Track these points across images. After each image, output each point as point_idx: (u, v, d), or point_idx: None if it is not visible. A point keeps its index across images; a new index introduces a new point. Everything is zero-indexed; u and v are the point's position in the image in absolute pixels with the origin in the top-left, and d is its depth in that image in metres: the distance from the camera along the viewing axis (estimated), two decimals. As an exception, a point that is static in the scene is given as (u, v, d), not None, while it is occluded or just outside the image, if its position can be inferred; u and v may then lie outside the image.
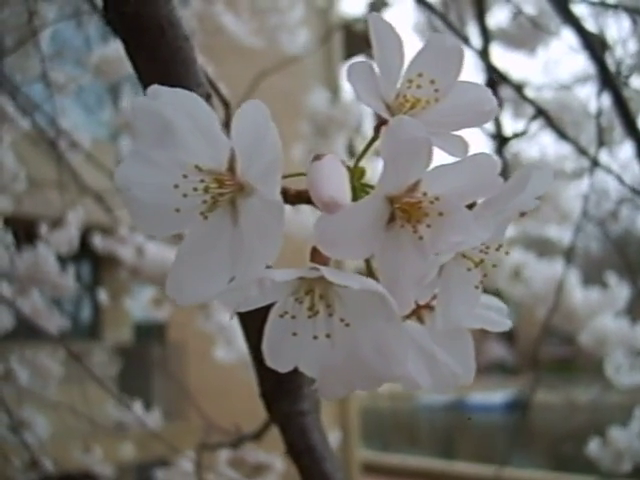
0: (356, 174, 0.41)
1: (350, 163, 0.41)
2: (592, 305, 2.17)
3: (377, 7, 2.95)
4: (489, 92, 0.44)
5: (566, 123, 1.76)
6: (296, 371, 0.42)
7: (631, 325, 2.17)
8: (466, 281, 0.42)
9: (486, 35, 1.89)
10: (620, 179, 1.42)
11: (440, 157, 0.39)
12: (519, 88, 1.60)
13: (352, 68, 0.41)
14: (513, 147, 2.12)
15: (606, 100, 1.39)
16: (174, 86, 0.39)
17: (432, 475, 7.30)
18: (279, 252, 0.37)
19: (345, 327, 0.39)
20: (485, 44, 1.88)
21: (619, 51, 1.60)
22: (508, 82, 1.54)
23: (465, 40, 1.49)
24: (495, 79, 1.62)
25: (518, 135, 1.75)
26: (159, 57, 0.50)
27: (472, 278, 0.42)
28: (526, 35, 2.05)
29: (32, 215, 2.05)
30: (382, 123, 0.43)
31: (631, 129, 1.29)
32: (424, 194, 0.37)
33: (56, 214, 2.10)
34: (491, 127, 1.80)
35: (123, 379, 4.11)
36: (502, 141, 1.77)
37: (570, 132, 1.66)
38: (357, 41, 5.19)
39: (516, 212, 0.41)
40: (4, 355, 1.93)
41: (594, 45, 1.30)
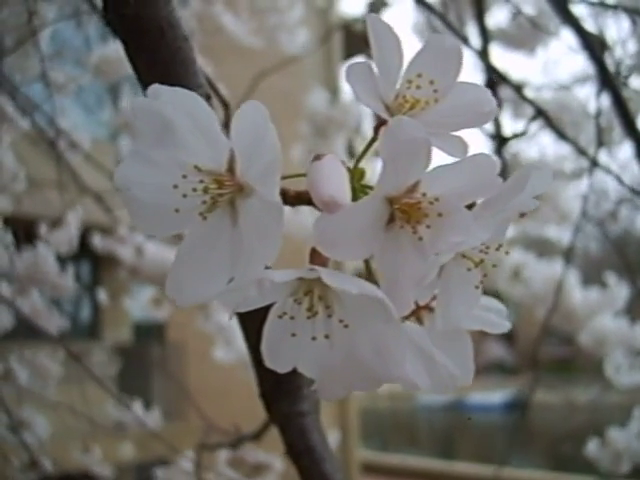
0: (356, 175, 0.41)
1: (350, 164, 0.41)
2: (591, 305, 2.17)
3: (376, 7, 2.95)
4: (488, 93, 0.44)
5: (565, 123, 1.76)
6: (295, 372, 0.42)
7: (630, 325, 2.17)
8: (466, 281, 0.42)
9: (485, 35, 1.89)
10: (619, 179, 1.42)
11: (439, 158, 0.39)
12: (518, 88, 1.60)
13: (351, 69, 0.41)
14: (512, 147, 2.13)
15: (605, 100, 1.39)
16: (174, 86, 0.39)
17: (431, 475, 7.30)
18: (278, 252, 0.37)
19: (344, 328, 0.39)
20: (484, 44, 1.88)
21: (618, 51, 1.60)
22: (507, 82, 1.54)
23: (464, 40, 1.49)
24: (494, 79, 1.62)
25: (517, 135, 1.75)
26: (159, 58, 0.50)
27: (472, 278, 0.42)
28: (525, 35, 2.05)
29: (32, 215, 2.05)
30: (381, 124, 0.43)
31: (630, 129, 1.29)
32: (423, 195, 0.37)
33: (56, 214, 2.10)
34: (490, 127, 1.80)
35: (123, 379, 4.11)
36: (501, 141, 1.77)
37: (569, 132, 1.66)
38: (357, 41, 5.18)
39: (516, 212, 0.41)
40: (4, 355, 1.93)
41: (593, 45, 1.30)
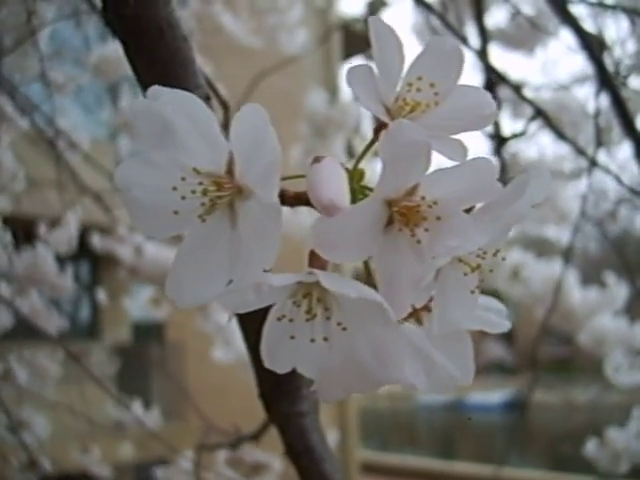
0: (355, 176, 0.41)
1: (349, 165, 0.41)
2: (591, 305, 2.17)
3: (376, 7, 2.94)
4: (489, 96, 0.44)
5: (564, 123, 1.76)
6: (295, 372, 0.42)
7: (630, 324, 2.17)
8: (462, 285, 0.42)
9: (484, 35, 1.89)
10: (618, 179, 1.42)
11: (439, 161, 0.39)
12: (517, 88, 1.60)
13: (352, 71, 0.41)
14: (511, 147, 2.12)
15: (604, 100, 1.39)
16: (173, 87, 0.39)
17: (431, 475, 7.31)
18: (277, 253, 0.37)
19: (342, 331, 0.39)
20: (483, 44, 1.88)
21: (617, 51, 1.60)
22: (506, 82, 1.54)
23: (463, 40, 1.49)
24: (494, 79, 1.62)
25: (517, 135, 1.74)
26: (158, 59, 0.50)
27: (468, 283, 0.42)
28: (524, 35, 2.05)
29: (31, 215, 2.05)
30: (381, 126, 0.43)
31: (629, 129, 1.29)
32: (422, 198, 0.37)
33: (55, 214, 2.10)
34: (490, 127, 1.79)
35: (122, 379, 4.11)
36: (500, 141, 1.76)
37: (568, 132, 1.66)
38: (356, 41, 5.18)
39: (515, 218, 0.41)
40: (3, 355, 1.93)
41: (592, 45, 1.30)
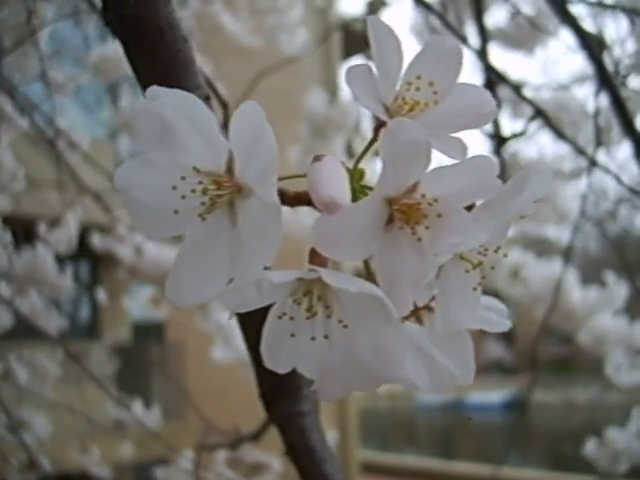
0: (355, 175, 0.41)
1: (349, 164, 0.41)
2: (591, 304, 2.17)
3: (375, 7, 2.94)
4: (488, 94, 0.44)
5: (564, 123, 1.76)
6: (295, 372, 0.42)
7: (630, 324, 2.17)
8: (464, 283, 0.42)
9: (484, 35, 1.88)
10: (618, 179, 1.42)
11: (439, 159, 0.39)
12: (517, 88, 1.60)
13: (351, 71, 0.41)
14: (511, 147, 2.12)
15: (604, 100, 1.39)
16: (173, 88, 0.39)
17: (431, 475, 7.31)
18: (277, 252, 0.37)
19: (343, 328, 0.39)
20: (483, 44, 1.88)
21: (617, 51, 1.60)
22: (506, 82, 1.54)
23: (463, 40, 1.49)
24: (493, 79, 1.62)
25: (516, 135, 1.74)
26: (158, 59, 0.50)
27: (470, 280, 0.42)
28: (524, 35, 2.05)
29: (31, 215, 2.05)
30: (381, 125, 0.43)
31: (629, 129, 1.29)
32: (423, 196, 0.38)
33: (55, 213, 2.10)
34: (489, 127, 1.79)
35: (122, 379, 4.11)
36: (500, 141, 1.76)
37: (568, 132, 1.66)
38: (356, 41, 5.18)
39: (516, 215, 0.41)
40: (3, 355, 1.93)
41: (592, 45, 1.30)
